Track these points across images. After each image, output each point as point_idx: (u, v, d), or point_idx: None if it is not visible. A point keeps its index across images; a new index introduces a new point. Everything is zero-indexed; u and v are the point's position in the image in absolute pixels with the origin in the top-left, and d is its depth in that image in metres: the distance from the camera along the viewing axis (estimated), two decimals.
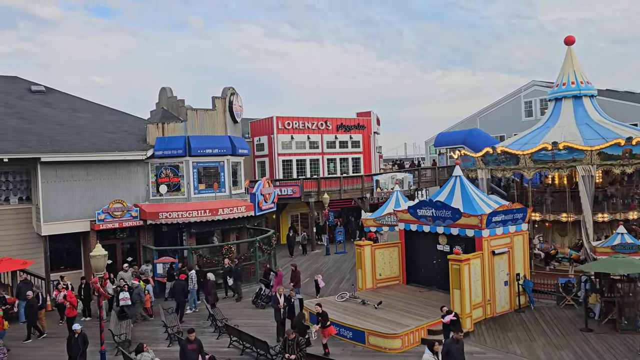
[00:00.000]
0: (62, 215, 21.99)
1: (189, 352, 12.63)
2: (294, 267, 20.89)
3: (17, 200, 22.80)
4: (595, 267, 17.24)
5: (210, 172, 24.96)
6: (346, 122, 37.93)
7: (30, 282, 19.82)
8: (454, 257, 16.89)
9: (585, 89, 24.39)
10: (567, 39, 25.13)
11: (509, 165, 23.00)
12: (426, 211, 19.31)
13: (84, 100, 29.38)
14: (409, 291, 19.79)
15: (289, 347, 12.82)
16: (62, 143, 22.72)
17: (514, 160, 22.55)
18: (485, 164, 24.23)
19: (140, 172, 24.07)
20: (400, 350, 15.03)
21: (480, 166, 24.41)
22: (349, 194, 33.71)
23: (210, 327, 17.83)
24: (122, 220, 22.95)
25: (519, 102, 43.76)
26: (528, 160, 21.96)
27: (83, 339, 14.14)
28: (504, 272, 18.36)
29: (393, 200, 24.33)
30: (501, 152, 22.98)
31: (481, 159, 24.22)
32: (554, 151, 21.06)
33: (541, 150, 21.40)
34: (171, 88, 26.76)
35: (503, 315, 18.01)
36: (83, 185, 22.68)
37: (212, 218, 23.50)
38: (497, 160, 23.34)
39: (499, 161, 23.29)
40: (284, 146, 35.20)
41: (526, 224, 19.40)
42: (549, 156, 21.38)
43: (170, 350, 15.76)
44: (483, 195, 19.99)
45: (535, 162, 21.89)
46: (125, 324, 17.40)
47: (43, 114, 25.87)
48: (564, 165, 21.41)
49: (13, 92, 27.76)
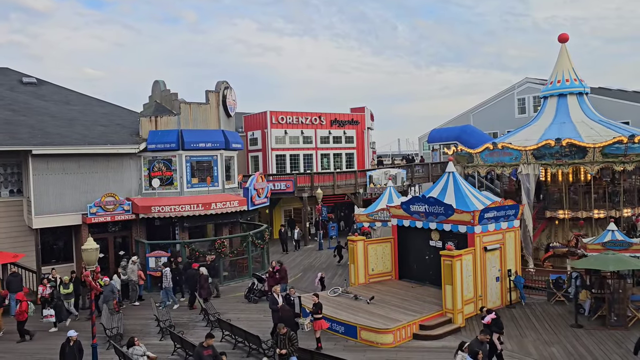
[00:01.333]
0: (53, 208, 21.84)
1: (205, 358, 12.03)
2: (279, 264, 20.59)
3: (7, 193, 22.63)
4: (586, 263, 17.37)
5: (204, 166, 24.88)
6: (340, 117, 37.89)
7: (18, 275, 19.71)
8: (446, 252, 16.96)
9: (576, 86, 24.49)
10: (560, 37, 25.19)
11: (573, 160, 21.36)
12: (419, 207, 19.36)
13: (76, 92, 29.17)
14: (402, 286, 19.85)
15: (280, 341, 12.84)
16: (53, 136, 22.55)
17: (581, 154, 21.07)
18: (538, 158, 21.82)
19: (133, 165, 23.94)
20: (392, 345, 15.08)
21: (529, 161, 21.98)
22: (343, 190, 33.74)
23: (203, 322, 17.82)
24: (115, 214, 22.84)
25: (512, 99, 43.94)
26: (597, 154, 20.84)
27: (78, 347, 13.21)
28: (495, 268, 18.46)
29: (386, 196, 24.37)
30: (567, 144, 21.02)
31: (533, 152, 21.71)
32: (627, 145, 20.39)
33: (615, 144, 20.55)
34: (164, 81, 26.62)
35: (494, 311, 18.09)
36: (75, 178, 22.53)
37: (204, 212, 23.45)
38: (559, 153, 21.28)
39: (561, 155, 21.28)
40: (278, 141, 35.13)
41: (518, 221, 19.50)
42: (621, 150, 20.61)
43: (162, 344, 15.75)
44: (476, 191, 20.06)
45: (605, 156, 20.88)
46: (117, 318, 17.34)
47: (35, 106, 25.65)
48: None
49: (4, 83, 27.52)
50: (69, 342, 13.09)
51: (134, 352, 13.25)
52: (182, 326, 17.17)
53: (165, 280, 19.95)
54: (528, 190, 21.96)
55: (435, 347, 15.01)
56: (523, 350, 14.47)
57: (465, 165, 25.72)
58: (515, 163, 22.39)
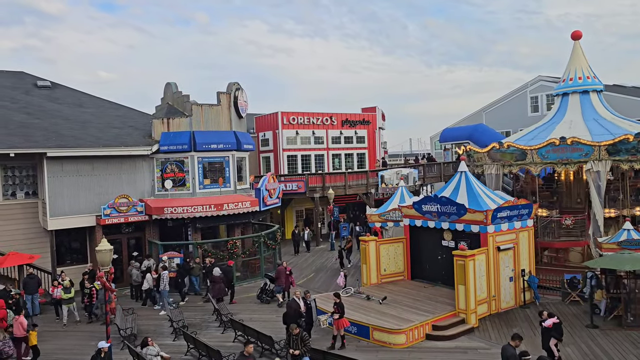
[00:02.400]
0: (68, 210, 22.10)
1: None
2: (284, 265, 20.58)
3: (23, 195, 22.92)
4: (601, 263, 17.17)
5: (215, 168, 25.00)
6: (351, 117, 37.86)
7: (35, 277, 19.96)
8: (459, 252, 16.86)
9: (593, 84, 24.21)
10: (574, 34, 24.95)
11: None
12: (431, 207, 19.27)
13: (89, 95, 29.46)
14: (414, 287, 19.78)
15: (293, 342, 12.85)
16: (67, 138, 22.81)
17: None
18: (612, 154, 20.64)
19: (146, 167, 24.13)
20: (404, 345, 15.03)
21: (601, 157, 20.79)
22: (354, 190, 33.69)
23: (215, 322, 17.90)
24: (128, 215, 23.04)
25: (525, 98, 43.50)
26: None
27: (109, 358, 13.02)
28: (509, 268, 18.32)
29: (398, 196, 24.29)
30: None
31: (607, 148, 20.42)
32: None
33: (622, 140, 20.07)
34: (176, 83, 26.80)
35: (508, 311, 17.97)
36: (89, 180, 22.78)
37: (217, 213, 23.55)
38: (635, 149, 20.44)
39: (637, 150, 20.46)
40: (289, 141, 35.17)
41: (532, 220, 19.32)
42: None
43: (175, 344, 15.85)
44: (488, 191, 19.92)
45: None
46: (131, 318, 17.47)
47: (49, 109, 25.96)
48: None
49: (19, 87, 27.87)
50: (100, 354, 12.68)
51: (147, 352, 13.33)
52: (195, 326, 17.27)
53: (162, 284, 19.64)
54: (599, 187, 20.74)
55: (448, 348, 14.94)
56: (537, 351, 14.29)
57: (511, 162, 23.06)
58: (583, 159, 20.99)
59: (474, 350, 14.70)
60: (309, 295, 16.27)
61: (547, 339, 13.35)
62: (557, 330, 13.26)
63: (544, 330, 13.42)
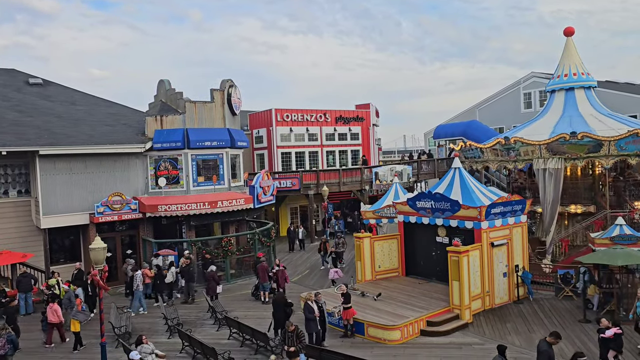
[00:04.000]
0: (61, 208, 21.98)
1: None
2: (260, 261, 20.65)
3: (16, 193, 22.77)
4: (594, 258, 17.28)
5: (209, 165, 24.93)
6: (345, 114, 37.86)
7: (28, 275, 19.86)
8: (453, 248, 16.92)
9: (583, 80, 24.32)
10: (566, 30, 25.05)
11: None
12: (425, 203, 19.32)
13: (82, 92, 29.27)
14: (408, 283, 19.84)
15: (288, 339, 12.87)
16: (60, 136, 22.67)
17: None
18: None
19: (139, 164, 24.03)
20: (399, 341, 15.08)
21: None
22: (348, 187, 33.71)
23: (210, 319, 17.89)
24: (122, 213, 22.95)
25: (518, 94, 43.69)
26: None
27: None
28: (502, 264, 18.41)
29: (392, 193, 24.34)
30: None
31: None
32: None
33: None
34: (169, 80, 26.67)
35: (502, 307, 18.07)
36: (82, 178, 22.65)
37: (211, 211, 23.51)
38: None
39: None
40: (283, 138, 35.14)
41: (525, 216, 19.42)
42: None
43: (170, 342, 15.83)
44: (482, 187, 20.00)
45: None
46: (125, 317, 17.43)
47: (41, 106, 25.78)
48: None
49: (11, 84, 27.65)
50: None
51: (142, 350, 13.31)
52: (190, 324, 17.26)
53: (135, 284, 19.17)
54: None
55: (443, 343, 15.00)
56: (531, 346, 14.39)
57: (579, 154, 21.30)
58: None
59: (468, 345, 14.78)
60: (320, 297, 15.45)
61: (606, 351, 12.35)
62: (617, 342, 12.22)
63: (602, 340, 12.39)
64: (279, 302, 15.56)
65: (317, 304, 15.06)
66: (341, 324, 16.14)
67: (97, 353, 14.11)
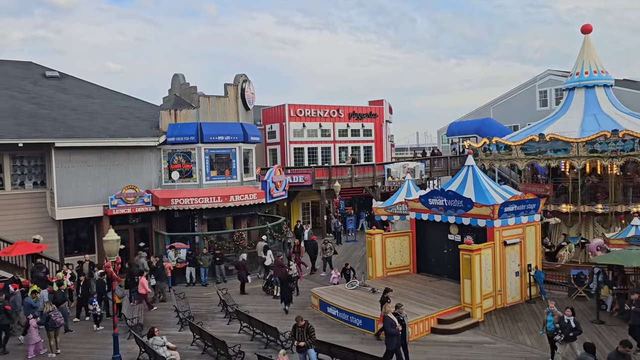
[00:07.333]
0: (75, 200, 22.24)
1: None
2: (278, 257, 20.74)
3: (31, 184, 23.07)
4: (608, 259, 17.08)
5: (222, 159, 25.04)
6: (358, 110, 37.72)
7: (42, 265, 20.11)
8: (465, 247, 16.83)
9: (603, 78, 23.97)
10: (584, 28, 24.71)
11: None
12: (438, 201, 19.22)
13: (97, 86, 29.52)
14: (419, 280, 19.78)
15: (298, 333, 12.89)
16: (76, 129, 22.91)
17: None
18: None
19: (153, 158, 24.21)
20: (409, 339, 15.03)
21: None
22: (361, 183, 33.64)
23: (221, 313, 18.01)
24: (135, 206, 23.15)
25: (533, 92, 43.18)
26: None
27: None
28: (515, 263, 18.27)
29: (404, 189, 24.20)
30: None
31: None
32: None
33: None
34: (184, 75, 26.82)
35: (514, 306, 17.95)
36: (96, 170, 22.89)
37: (223, 205, 23.62)
38: None
39: None
40: (296, 134, 35.13)
41: (539, 215, 19.23)
42: None
43: (181, 334, 15.97)
44: (495, 185, 19.84)
45: None
46: (137, 308, 17.60)
47: (57, 99, 26.06)
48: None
49: (28, 77, 27.97)
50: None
51: (154, 342, 13.45)
52: (201, 317, 17.38)
53: None
54: None
55: (453, 342, 14.95)
56: (542, 346, 14.31)
57: None
58: None
59: (478, 344, 14.71)
60: (402, 310, 14.01)
61: None
62: None
63: None
64: (283, 280, 17.77)
65: (399, 317, 13.56)
66: (353, 321, 16.14)
67: (110, 344, 14.27)
